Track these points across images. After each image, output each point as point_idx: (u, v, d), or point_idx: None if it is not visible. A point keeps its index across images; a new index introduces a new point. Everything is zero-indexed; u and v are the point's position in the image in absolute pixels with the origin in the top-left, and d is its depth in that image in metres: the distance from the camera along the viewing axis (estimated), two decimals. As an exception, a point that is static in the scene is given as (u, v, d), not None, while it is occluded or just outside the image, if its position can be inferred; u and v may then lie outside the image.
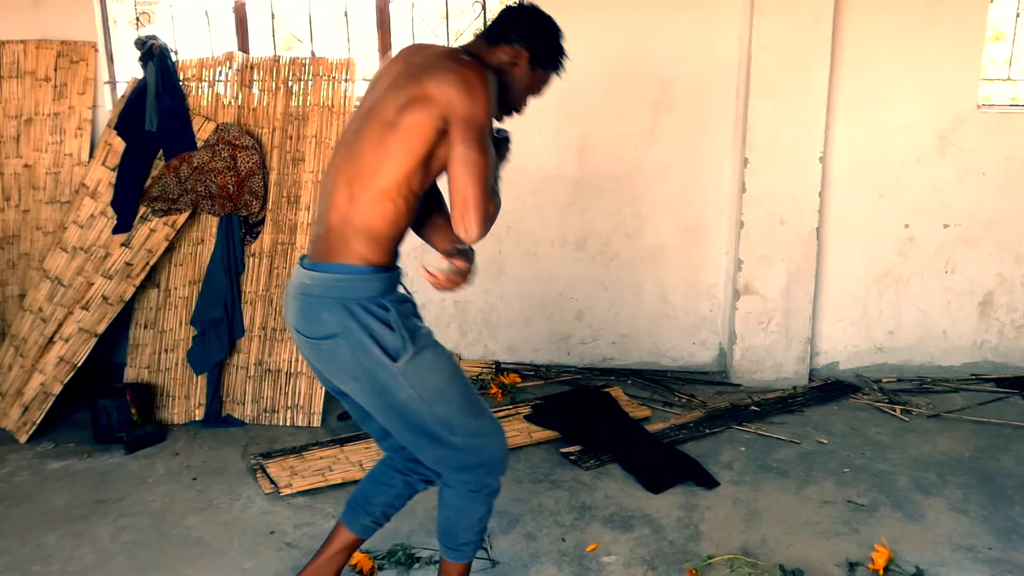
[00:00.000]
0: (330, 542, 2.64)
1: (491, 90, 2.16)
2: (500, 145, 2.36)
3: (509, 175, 4.44)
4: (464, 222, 2.13)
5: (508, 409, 4.12)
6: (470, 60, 2.20)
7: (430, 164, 2.19)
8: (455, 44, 2.38)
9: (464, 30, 4.55)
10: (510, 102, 2.39)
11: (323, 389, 4.09)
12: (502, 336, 4.68)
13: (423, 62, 2.20)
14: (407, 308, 2.29)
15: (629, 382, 4.48)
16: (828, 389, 4.37)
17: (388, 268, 2.25)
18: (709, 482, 3.45)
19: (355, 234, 2.19)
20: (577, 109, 4.38)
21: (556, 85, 4.29)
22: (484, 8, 4.43)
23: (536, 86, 2.41)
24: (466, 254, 2.27)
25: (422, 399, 2.27)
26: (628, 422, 3.95)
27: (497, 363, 4.65)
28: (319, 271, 2.21)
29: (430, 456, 2.39)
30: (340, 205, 2.21)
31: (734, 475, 3.54)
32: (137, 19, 4.66)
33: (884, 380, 4.48)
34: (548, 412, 4.03)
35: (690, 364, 4.62)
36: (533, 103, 2.49)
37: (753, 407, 4.16)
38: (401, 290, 2.33)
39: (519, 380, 4.44)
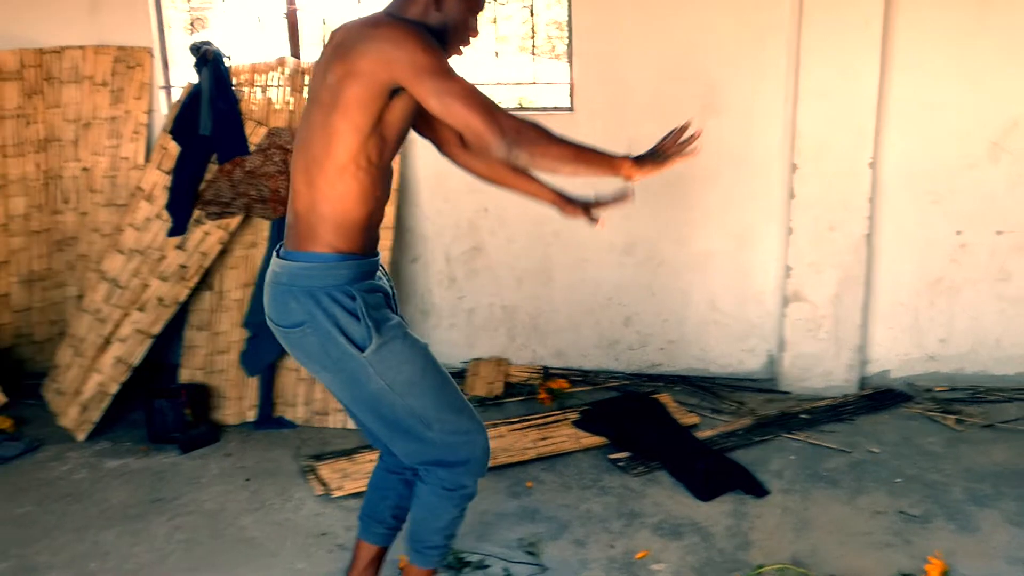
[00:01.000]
0: (357, 559, 2.66)
1: (416, 32, 2.10)
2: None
3: (556, 179, 4.46)
4: (490, 137, 2.06)
5: (556, 414, 4.13)
6: (383, 18, 2.18)
7: (383, 133, 2.18)
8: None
9: (514, 33, 4.57)
10: (451, 42, 2.31)
11: (372, 392, 4.12)
12: (550, 341, 4.69)
13: (344, 38, 2.17)
14: (376, 298, 2.26)
15: (677, 388, 4.47)
16: (879, 398, 4.32)
17: (358, 255, 2.23)
18: (758, 490, 3.44)
19: (321, 220, 2.19)
20: (624, 114, 4.38)
21: (603, 90, 4.32)
22: (532, 14, 4.44)
23: (465, 15, 2.31)
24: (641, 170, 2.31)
25: (392, 391, 2.25)
26: (677, 429, 3.94)
27: (545, 368, 4.66)
28: (289, 260, 2.23)
29: (402, 450, 2.38)
30: (303, 193, 2.21)
31: (784, 484, 3.52)
32: (191, 24, 4.74)
33: (936, 389, 4.42)
34: (596, 418, 4.03)
35: (739, 371, 4.59)
36: (586, 117, 2.49)
37: (803, 415, 4.13)
38: (380, 277, 2.33)
39: (567, 385, 4.45)
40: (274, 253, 2.31)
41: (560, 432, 3.95)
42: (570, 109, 4.46)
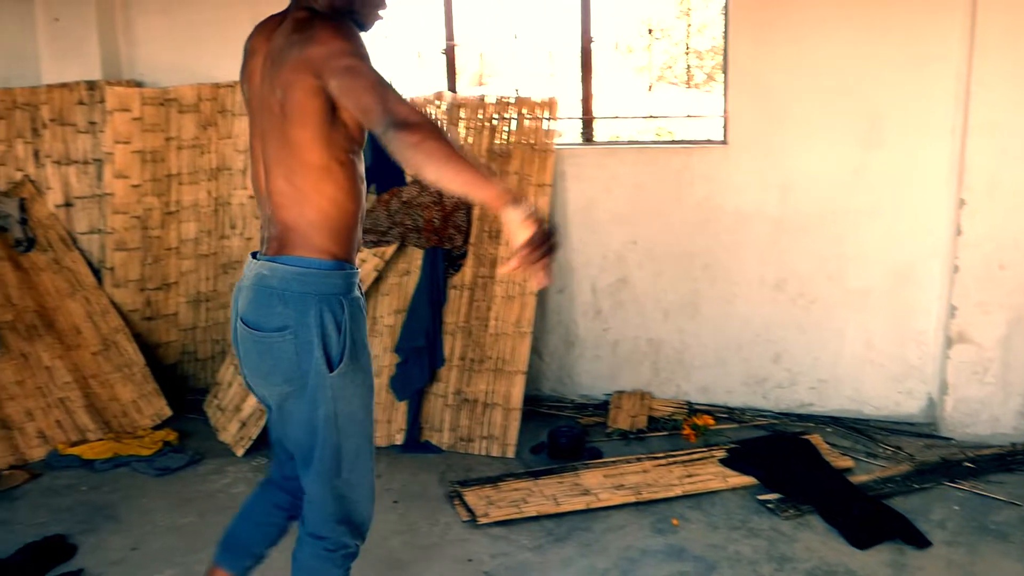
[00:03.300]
0: None
1: (330, 24, 2.06)
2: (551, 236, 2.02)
3: (708, 214, 4.42)
4: (375, 114, 1.93)
5: (702, 451, 4.05)
6: (302, 20, 2.11)
7: (345, 125, 2.12)
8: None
9: (666, 64, 4.56)
10: (366, 13, 2.26)
11: (518, 421, 4.16)
12: (695, 376, 4.61)
13: (273, 47, 2.14)
14: (359, 319, 2.21)
15: (829, 430, 4.31)
16: (1052, 448, 4.05)
17: (349, 264, 2.21)
18: (919, 541, 3.27)
19: (313, 226, 2.14)
20: (779, 148, 4.30)
21: (758, 123, 4.26)
22: (688, 49, 4.43)
23: None
24: (520, 218, 1.92)
25: (335, 422, 2.17)
26: (830, 472, 3.80)
27: (689, 404, 4.59)
28: (280, 263, 2.14)
29: (310, 490, 2.27)
30: (289, 202, 2.15)
31: (947, 535, 3.34)
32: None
33: (1117, 442, 4.11)
34: (744, 457, 3.94)
35: (895, 414, 4.39)
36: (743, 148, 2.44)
37: (967, 463, 3.91)
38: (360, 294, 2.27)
39: (712, 422, 4.36)
40: (251, 259, 2.24)
41: (706, 469, 3.87)
42: (723, 142, 4.41)
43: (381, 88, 1.97)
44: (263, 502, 2.53)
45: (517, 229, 1.91)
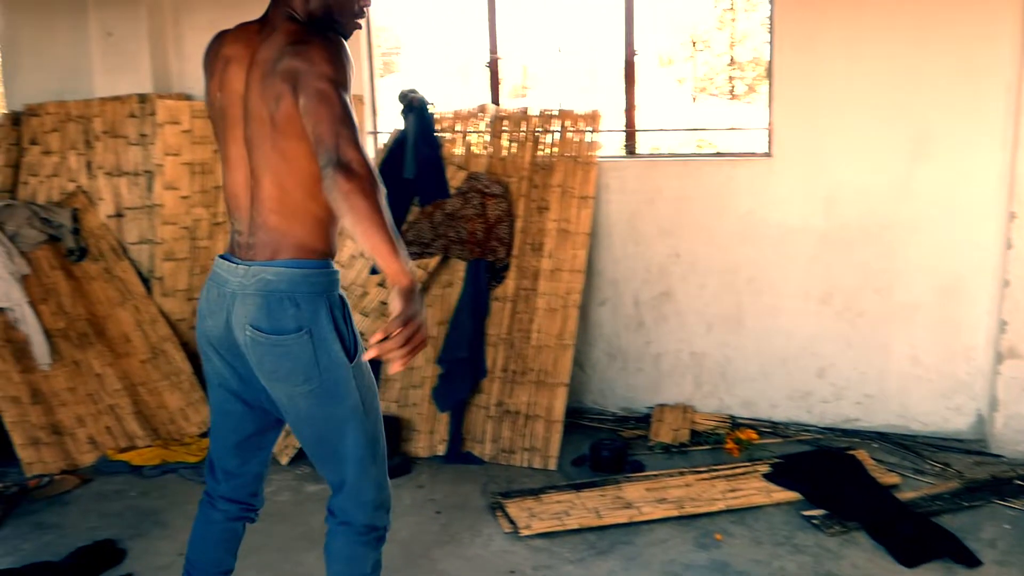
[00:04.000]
0: None
1: (326, 47, 2.09)
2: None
3: (752, 226, 4.40)
4: (327, 145, 1.97)
5: (745, 466, 4.02)
6: (297, 30, 2.16)
7: None
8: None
9: (706, 76, 4.56)
10: (344, 19, 2.30)
11: (560, 433, 4.16)
12: (738, 390, 4.58)
13: (270, 57, 2.15)
14: (348, 311, 2.30)
15: (875, 445, 4.26)
16: (1106, 467, 3.97)
17: (333, 260, 2.28)
18: (970, 560, 3.21)
19: (304, 229, 2.19)
20: (825, 160, 4.27)
21: (803, 135, 4.23)
22: (732, 61, 4.41)
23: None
24: (408, 299, 2.01)
25: (363, 410, 2.26)
26: (876, 488, 3.75)
27: (732, 418, 4.55)
28: (284, 267, 2.18)
29: (350, 481, 2.31)
30: (280, 206, 2.18)
31: (998, 555, 3.28)
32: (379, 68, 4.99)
33: None
34: (788, 472, 3.90)
35: (943, 430, 4.33)
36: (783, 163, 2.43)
37: (1017, 481, 3.83)
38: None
39: (756, 436, 4.33)
40: (232, 264, 2.26)
41: (750, 484, 3.84)
42: (768, 155, 4.39)
43: (341, 124, 2.01)
44: (215, 522, 2.54)
45: (400, 309, 2.00)
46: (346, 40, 2.22)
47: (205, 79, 2.33)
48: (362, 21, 2.36)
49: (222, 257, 2.32)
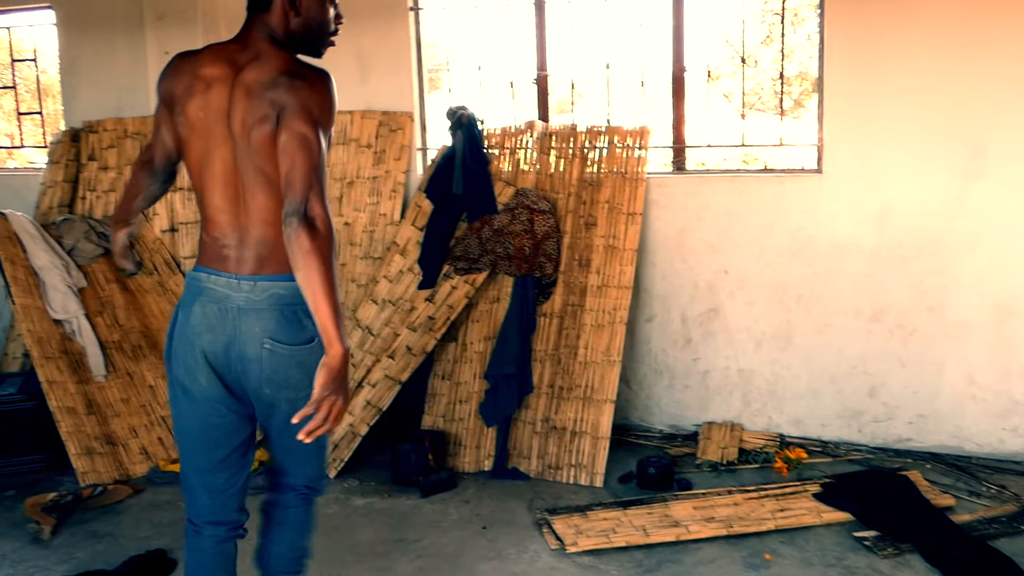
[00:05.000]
0: None
1: (322, 89, 2.19)
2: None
3: (802, 243, 4.36)
4: (299, 193, 2.07)
5: (795, 485, 3.97)
6: (290, 60, 2.24)
7: None
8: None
9: (752, 91, 4.54)
10: (320, 40, 2.37)
11: (606, 450, 4.15)
12: (787, 408, 4.53)
13: (260, 82, 2.20)
14: None
15: (928, 466, 4.18)
16: None
17: None
18: (1027, 585, 3.15)
19: (281, 245, 2.21)
20: (876, 177, 4.22)
21: (854, 151, 4.20)
22: (782, 76, 4.40)
23: (324, 8, 2.34)
24: (335, 372, 2.08)
25: None
26: (930, 510, 3.69)
27: (781, 436, 4.50)
28: (287, 281, 2.23)
29: (312, 467, 2.58)
30: (272, 216, 2.23)
31: (1057, 581, 3.20)
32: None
33: None
34: (840, 492, 3.84)
35: (999, 451, 4.24)
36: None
37: (1077, 505, 3.75)
38: None
39: (805, 456, 4.27)
40: (230, 279, 2.28)
41: (799, 504, 3.79)
42: (818, 171, 4.36)
43: (314, 175, 2.10)
44: (205, 550, 2.51)
45: (329, 376, 2.06)
46: (319, 59, 2.34)
47: (175, 98, 2.32)
48: (336, 39, 2.43)
49: (208, 272, 2.31)
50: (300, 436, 2.07)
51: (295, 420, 2.07)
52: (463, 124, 4.45)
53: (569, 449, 4.21)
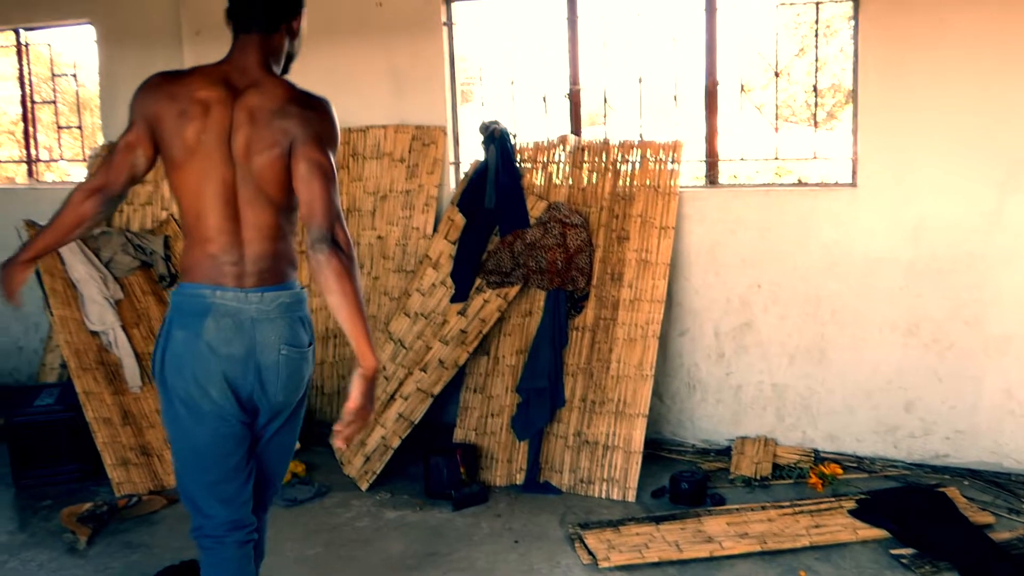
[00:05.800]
0: None
1: (332, 120, 2.37)
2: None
3: (836, 257, 4.33)
4: (321, 220, 2.21)
5: (829, 501, 3.93)
6: (294, 88, 2.37)
7: None
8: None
9: (784, 103, 4.52)
10: (297, 54, 2.54)
11: (638, 464, 4.13)
12: (822, 424, 4.49)
13: (268, 108, 2.30)
14: None
15: (966, 483, 4.12)
16: None
17: None
18: (1069, 606, 3.09)
19: (288, 250, 2.43)
20: (911, 191, 4.18)
21: (889, 164, 4.16)
22: (816, 89, 4.37)
23: (302, 27, 2.51)
24: (369, 386, 2.22)
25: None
26: (968, 527, 3.63)
27: (816, 451, 4.46)
28: (291, 289, 2.42)
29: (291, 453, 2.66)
30: (277, 233, 2.38)
31: (1100, 601, 3.14)
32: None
33: None
34: (875, 508, 3.80)
35: (1039, 468, 4.18)
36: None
37: (1120, 524, 3.68)
38: None
39: (840, 471, 4.23)
40: (245, 295, 2.35)
41: (835, 520, 3.75)
42: (852, 184, 4.33)
43: (335, 204, 2.26)
44: (229, 559, 2.51)
45: (361, 391, 2.19)
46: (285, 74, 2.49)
47: (164, 121, 2.33)
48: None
49: (212, 288, 2.34)
50: (337, 443, 2.21)
51: (336, 429, 2.20)
52: (496, 138, 4.47)
53: (601, 463, 4.20)
